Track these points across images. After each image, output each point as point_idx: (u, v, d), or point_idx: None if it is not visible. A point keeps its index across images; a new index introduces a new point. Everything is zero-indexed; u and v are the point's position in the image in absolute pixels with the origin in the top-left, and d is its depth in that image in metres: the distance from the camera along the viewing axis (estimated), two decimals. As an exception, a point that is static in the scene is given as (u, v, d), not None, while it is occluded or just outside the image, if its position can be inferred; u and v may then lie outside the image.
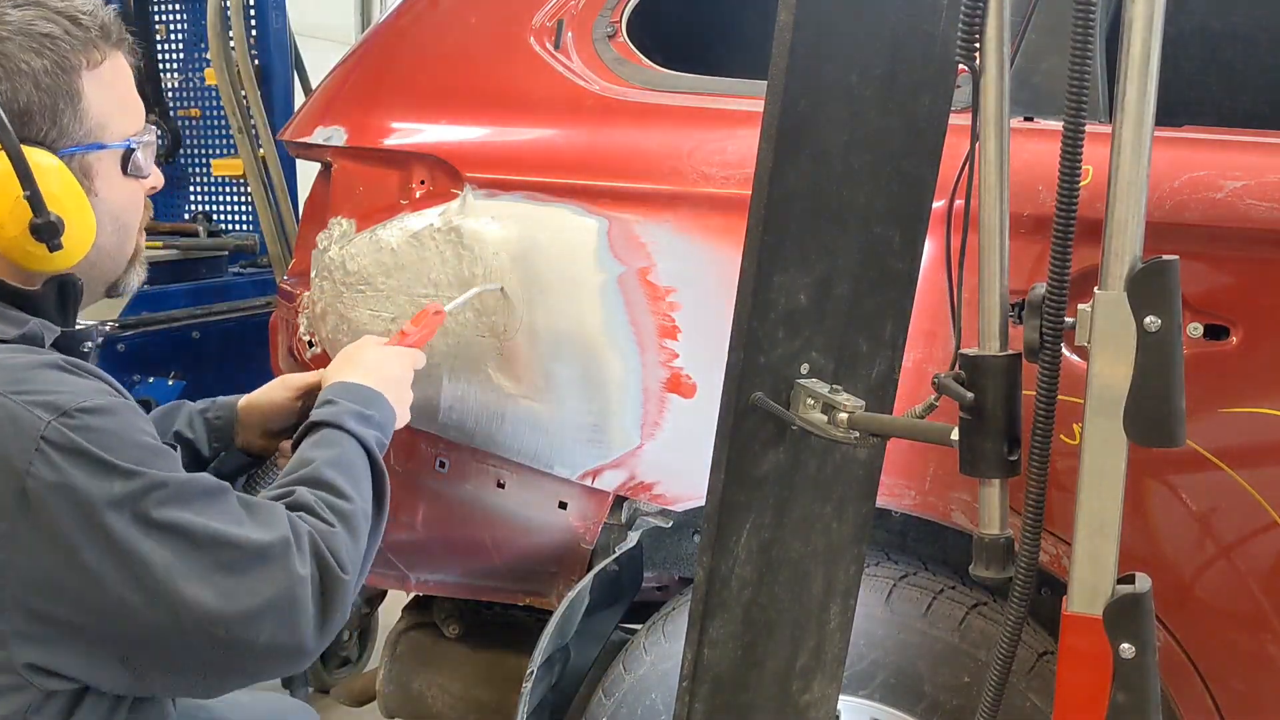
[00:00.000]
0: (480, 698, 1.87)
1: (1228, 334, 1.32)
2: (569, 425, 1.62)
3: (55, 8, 1.10)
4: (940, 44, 1.16)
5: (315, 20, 5.82)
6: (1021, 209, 1.33)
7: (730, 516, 1.14)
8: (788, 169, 1.05)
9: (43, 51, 1.07)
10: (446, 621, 1.92)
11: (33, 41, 1.07)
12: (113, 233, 1.18)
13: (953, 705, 1.50)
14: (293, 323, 1.79)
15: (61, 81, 1.09)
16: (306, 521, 1.12)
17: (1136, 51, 0.88)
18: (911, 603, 1.54)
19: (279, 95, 3.08)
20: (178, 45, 3.29)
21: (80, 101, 1.10)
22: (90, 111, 1.11)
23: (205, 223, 3.20)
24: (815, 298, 1.13)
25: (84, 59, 1.11)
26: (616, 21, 1.69)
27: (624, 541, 1.60)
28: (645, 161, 1.58)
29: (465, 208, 1.63)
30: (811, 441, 1.18)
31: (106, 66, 1.14)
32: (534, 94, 1.68)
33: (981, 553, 1.01)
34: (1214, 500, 1.35)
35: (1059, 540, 1.41)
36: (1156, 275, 0.90)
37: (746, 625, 1.22)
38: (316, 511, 1.15)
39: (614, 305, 1.57)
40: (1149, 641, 0.96)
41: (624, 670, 1.67)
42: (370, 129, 1.75)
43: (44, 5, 1.10)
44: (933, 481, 1.47)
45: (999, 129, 0.97)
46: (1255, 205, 1.28)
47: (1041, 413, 0.97)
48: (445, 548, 1.78)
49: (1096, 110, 1.43)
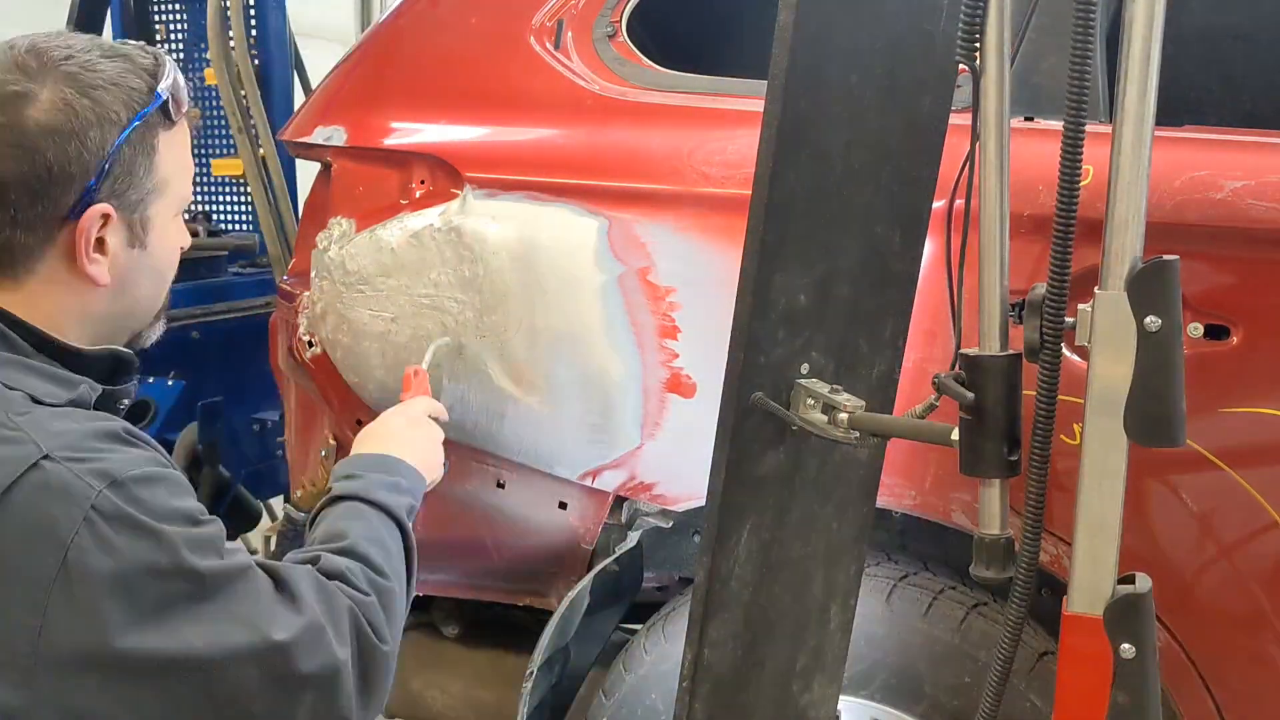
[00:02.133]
0: (480, 698, 1.87)
1: (1228, 334, 1.32)
2: (569, 425, 1.62)
3: (141, 64, 1.11)
4: (940, 44, 1.16)
5: (315, 20, 5.81)
6: (1021, 209, 1.33)
7: (730, 517, 1.14)
8: (788, 169, 1.05)
9: (131, 104, 1.09)
10: (446, 621, 1.92)
11: (123, 94, 1.09)
12: (152, 285, 1.19)
13: (953, 706, 1.50)
14: (293, 323, 1.79)
15: (146, 136, 1.11)
16: (344, 592, 1.11)
17: (1136, 51, 0.88)
18: (912, 603, 1.54)
19: (279, 95, 3.07)
20: (178, 45, 3.29)
21: (155, 157, 1.12)
22: (159, 169, 1.13)
23: (205, 223, 3.20)
24: (815, 298, 1.13)
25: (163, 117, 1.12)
26: (616, 21, 1.69)
27: (624, 541, 1.60)
28: (645, 161, 1.58)
29: (465, 208, 1.63)
30: (812, 442, 1.18)
31: (179, 129, 1.16)
32: (534, 94, 1.68)
33: (982, 553, 1.01)
34: (1214, 500, 1.35)
35: (1059, 540, 1.41)
36: (1157, 275, 0.90)
37: (746, 625, 1.22)
38: (351, 581, 1.13)
39: (614, 305, 1.56)
40: (1149, 641, 0.96)
41: (624, 670, 1.67)
42: (370, 129, 1.75)
43: (132, 60, 1.11)
44: (933, 482, 1.47)
45: (999, 129, 0.97)
46: (1255, 205, 1.28)
47: (1041, 413, 0.97)
48: (445, 548, 1.78)
49: (1096, 110, 1.43)
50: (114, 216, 1.10)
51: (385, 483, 1.31)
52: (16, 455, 0.97)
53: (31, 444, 0.97)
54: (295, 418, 1.99)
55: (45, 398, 1.04)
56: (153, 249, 1.16)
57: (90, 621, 0.95)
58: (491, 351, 1.62)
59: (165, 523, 0.99)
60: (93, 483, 0.97)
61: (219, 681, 0.99)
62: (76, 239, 1.08)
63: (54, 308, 1.11)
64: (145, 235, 1.14)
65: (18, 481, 0.95)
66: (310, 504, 1.81)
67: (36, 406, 1.03)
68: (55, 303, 1.11)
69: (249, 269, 3.16)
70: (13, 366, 1.05)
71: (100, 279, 1.10)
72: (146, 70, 1.11)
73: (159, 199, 1.14)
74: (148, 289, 1.19)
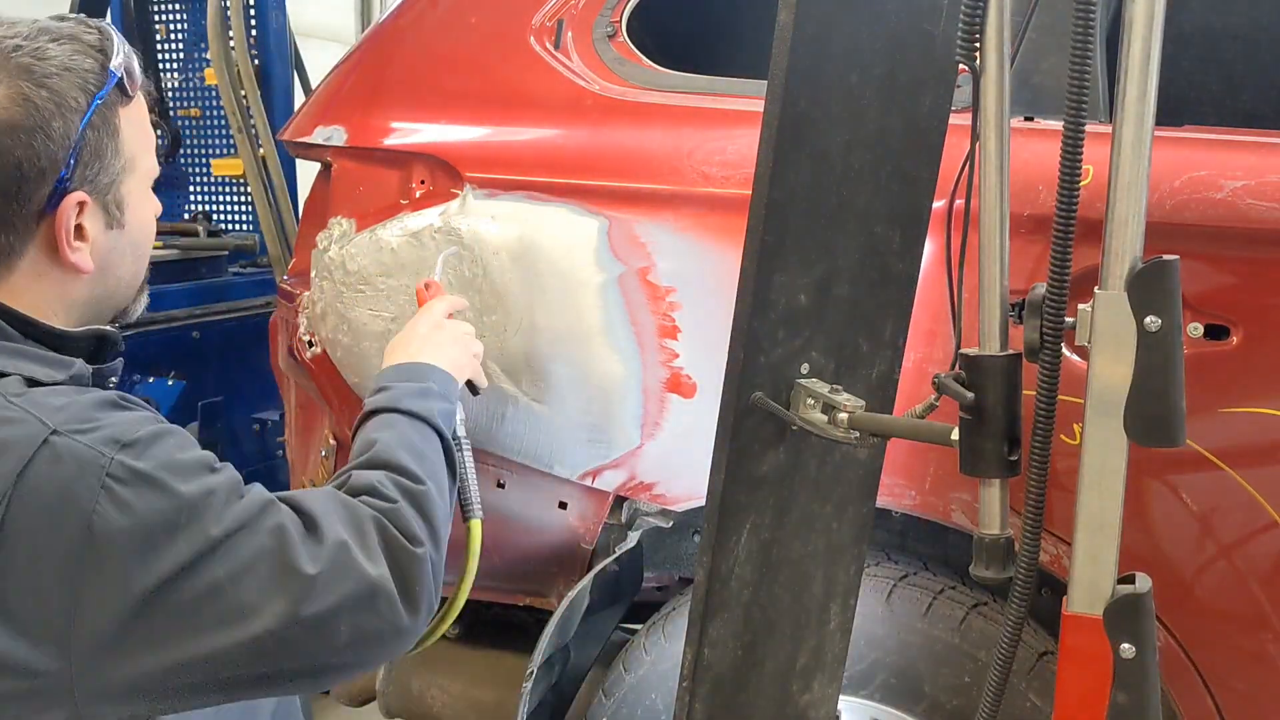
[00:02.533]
0: (480, 698, 1.87)
1: (1228, 334, 1.32)
2: (569, 425, 1.62)
3: (89, 42, 1.10)
4: (940, 44, 1.16)
5: (315, 20, 5.82)
6: (1021, 209, 1.33)
7: (730, 516, 1.14)
8: (788, 169, 1.05)
9: (87, 88, 1.08)
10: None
11: (77, 78, 1.08)
12: (133, 261, 1.19)
13: (953, 705, 1.50)
14: (293, 323, 1.79)
15: (108, 117, 1.10)
16: (368, 504, 1.12)
17: (1136, 51, 0.88)
18: (912, 603, 1.54)
19: (279, 95, 3.08)
20: (178, 45, 3.29)
21: (119, 136, 1.12)
22: (125, 147, 1.13)
23: (205, 223, 3.20)
24: (815, 298, 1.13)
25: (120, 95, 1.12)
26: (616, 21, 1.69)
27: (624, 541, 1.60)
28: (645, 161, 1.58)
29: (465, 208, 1.63)
30: (811, 441, 1.18)
31: (136, 102, 1.15)
32: (534, 94, 1.68)
33: (982, 553, 1.01)
34: (1214, 500, 1.35)
35: (1059, 540, 1.41)
36: (1157, 275, 0.90)
37: (746, 625, 1.22)
38: (379, 491, 1.15)
39: (614, 305, 1.57)
40: (1149, 641, 0.96)
41: (624, 670, 1.67)
42: (370, 129, 1.75)
43: (80, 40, 1.10)
44: (933, 481, 1.47)
45: (999, 129, 0.97)
46: (1255, 205, 1.28)
47: (1041, 413, 0.97)
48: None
49: (1096, 110, 1.43)
50: (89, 202, 1.10)
51: (414, 390, 1.32)
52: (24, 435, 0.97)
53: (36, 422, 0.98)
54: (295, 418, 1.99)
55: (44, 379, 1.05)
56: (130, 226, 1.16)
57: (121, 583, 0.96)
58: (491, 351, 1.62)
59: (180, 474, 1.00)
60: (104, 449, 0.98)
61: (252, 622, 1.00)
62: (56, 230, 1.08)
63: (38, 297, 1.11)
64: (122, 215, 1.14)
65: (31, 460, 0.96)
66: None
67: (32, 388, 1.03)
68: (39, 292, 1.11)
69: (249, 269, 3.17)
70: (4, 353, 1.06)
71: (84, 266, 1.11)
72: (95, 48, 1.10)
73: (129, 176, 1.14)
74: (129, 266, 1.19)
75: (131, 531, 0.97)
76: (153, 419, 1.06)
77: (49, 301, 1.12)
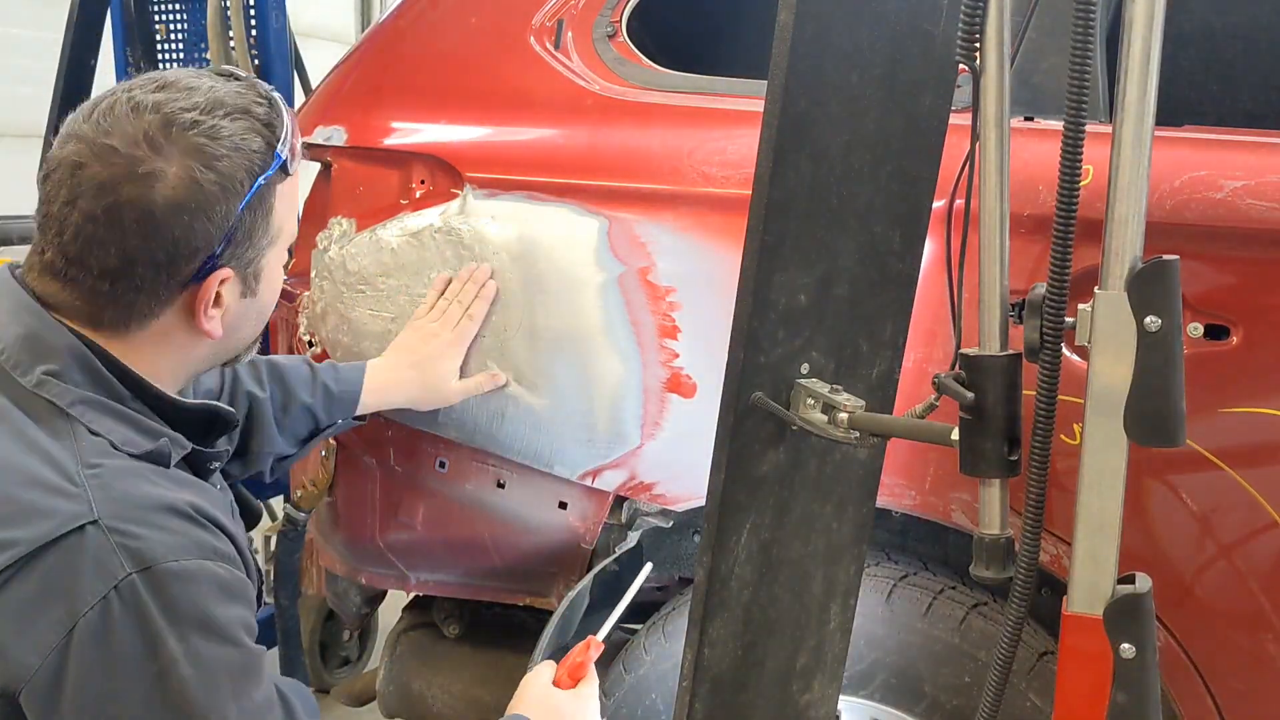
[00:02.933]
0: (480, 698, 1.87)
1: (1228, 334, 1.32)
2: (569, 425, 1.62)
3: (259, 116, 1.09)
4: (940, 44, 1.16)
5: (315, 20, 5.82)
6: (1021, 209, 1.33)
7: (730, 516, 1.14)
8: (788, 169, 1.05)
9: (252, 170, 1.08)
10: (446, 621, 1.92)
11: (244, 159, 1.07)
12: (256, 324, 1.21)
13: (953, 705, 1.50)
14: (293, 323, 1.79)
15: (265, 196, 1.10)
16: None
17: (1136, 51, 0.88)
18: (912, 603, 1.54)
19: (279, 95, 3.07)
20: (178, 45, 3.29)
21: (271, 214, 1.12)
22: (274, 221, 1.13)
23: (205, 223, 3.19)
24: (815, 298, 1.13)
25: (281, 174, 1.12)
26: (616, 21, 1.69)
27: (624, 541, 1.60)
28: (645, 161, 1.58)
29: (465, 208, 1.63)
30: (812, 441, 1.18)
31: (292, 180, 1.15)
32: (534, 94, 1.68)
33: (981, 553, 1.01)
34: (1214, 500, 1.35)
35: (1059, 540, 1.41)
36: (1157, 275, 0.90)
37: (746, 625, 1.22)
38: None
39: (614, 305, 1.57)
40: (1149, 641, 0.96)
41: (624, 670, 1.67)
42: (370, 129, 1.75)
43: (251, 114, 1.09)
44: (933, 481, 1.47)
45: (999, 129, 0.97)
46: (1255, 205, 1.28)
47: (1041, 413, 0.97)
48: (445, 548, 1.78)
49: (1096, 110, 1.43)
50: (232, 276, 1.10)
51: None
52: (69, 511, 0.97)
53: (86, 504, 0.97)
54: (295, 418, 1.99)
55: (124, 445, 1.04)
56: (261, 294, 1.17)
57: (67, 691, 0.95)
58: (491, 351, 1.62)
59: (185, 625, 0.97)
60: (124, 563, 0.96)
61: None
62: (196, 300, 1.09)
63: (157, 355, 1.11)
64: (257, 285, 1.15)
65: (58, 540, 0.95)
66: (310, 504, 1.81)
67: (111, 458, 1.02)
68: (162, 352, 1.11)
69: (249, 269, 3.16)
70: (101, 410, 1.05)
71: (215, 334, 1.12)
72: (264, 123, 1.09)
73: (272, 249, 1.15)
74: (252, 328, 1.20)
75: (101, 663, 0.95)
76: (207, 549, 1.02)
77: (168, 359, 1.12)
